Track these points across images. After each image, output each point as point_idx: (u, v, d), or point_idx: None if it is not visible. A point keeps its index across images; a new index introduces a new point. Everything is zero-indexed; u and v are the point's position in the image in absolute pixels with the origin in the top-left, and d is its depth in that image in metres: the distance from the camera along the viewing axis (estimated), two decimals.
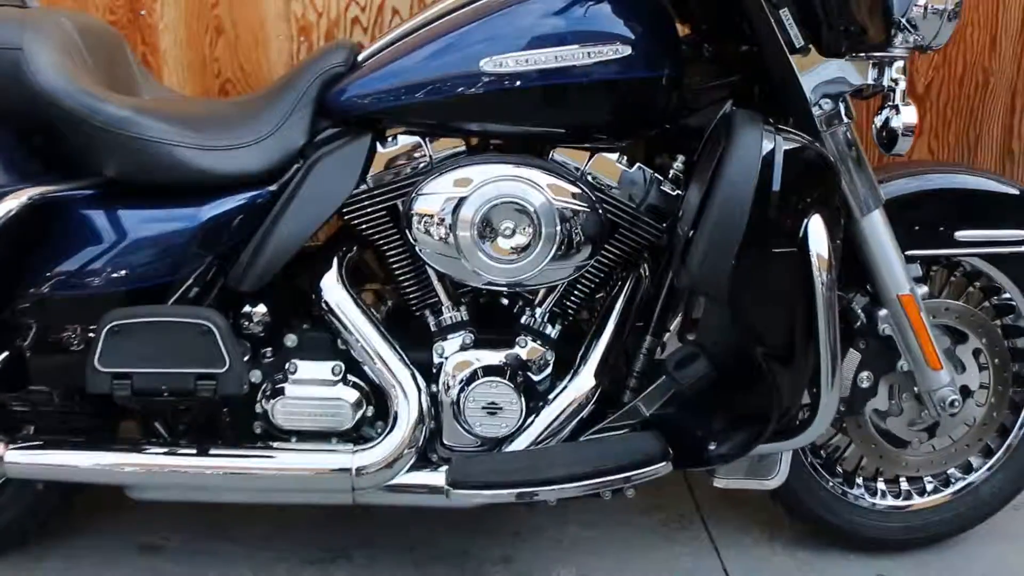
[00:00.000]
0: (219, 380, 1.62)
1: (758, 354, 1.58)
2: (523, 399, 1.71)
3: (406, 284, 1.76)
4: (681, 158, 1.74)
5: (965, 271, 1.87)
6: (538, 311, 1.76)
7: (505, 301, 1.82)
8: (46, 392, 1.74)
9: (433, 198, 1.66)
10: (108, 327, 1.61)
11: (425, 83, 1.65)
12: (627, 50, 1.62)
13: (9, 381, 1.72)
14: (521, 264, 1.65)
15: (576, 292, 1.75)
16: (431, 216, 1.66)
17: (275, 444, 1.75)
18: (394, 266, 1.75)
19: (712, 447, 1.68)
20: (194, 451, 1.71)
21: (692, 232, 1.52)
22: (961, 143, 2.49)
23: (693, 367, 1.66)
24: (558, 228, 1.64)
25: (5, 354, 1.70)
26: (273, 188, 1.70)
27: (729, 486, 1.86)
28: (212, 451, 1.71)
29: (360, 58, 1.74)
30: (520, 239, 1.64)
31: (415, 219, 1.67)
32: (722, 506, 2.12)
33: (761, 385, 1.60)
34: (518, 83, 1.62)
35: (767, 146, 1.50)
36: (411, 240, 1.69)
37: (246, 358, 1.70)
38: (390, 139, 1.72)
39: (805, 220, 1.54)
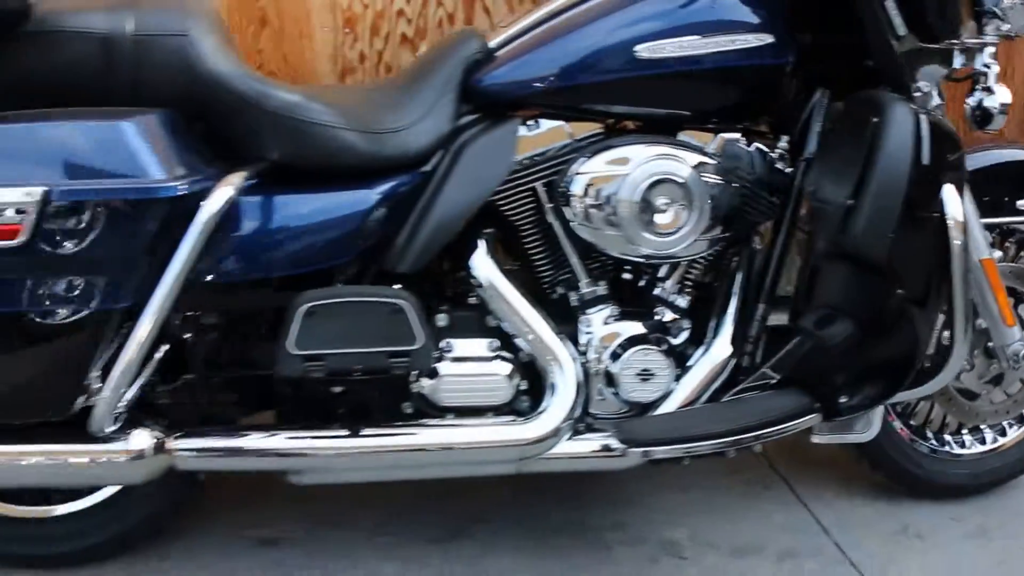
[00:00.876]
0: (412, 357, 1.66)
1: (901, 310, 1.73)
2: (672, 365, 1.81)
3: (544, 262, 1.84)
4: (785, 138, 1.89)
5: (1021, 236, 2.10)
6: (668, 283, 1.87)
7: (628, 276, 1.90)
8: (201, 382, 1.72)
9: (591, 177, 1.74)
10: (303, 309, 1.62)
11: (575, 68, 1.74)
12: (768, 38, 1.75)
13: (165, 372, 1.70)
14: (675, 238, 1.76)
15: (700, 264, 1.87)
16: (590, 194, 1.74)
17: (432, 422, 1.78)
18: (533, 245, 1.83)
19: (843, 400, 1.83)
20: (361, 433, 1.73)
21: (851, 202, 1.66)
22: None
23: (835, 327, 1.80)
24: (708, 203, 1.76)
25: (166, 346, 1.67)
26: (426, 170, 1.74)
27: (825, 441, 2.01)
28: (380, 432, 1.74)
29: (492, 45, 1.81)
30: (674, 214, 1.75)
31: (573, 198, 1.75)
32: (795, 466, 2.27)
33: (898, 339, 1.76)
34: (669, 68, 1.74)
35: (916, 122, 1.66)
36: (566, 217, 1.78)
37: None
38: (531, 123, 1.79)
39: (941, 187, 1.71)
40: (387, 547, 1.99)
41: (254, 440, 1.71)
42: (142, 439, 1.67)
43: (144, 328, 1.56)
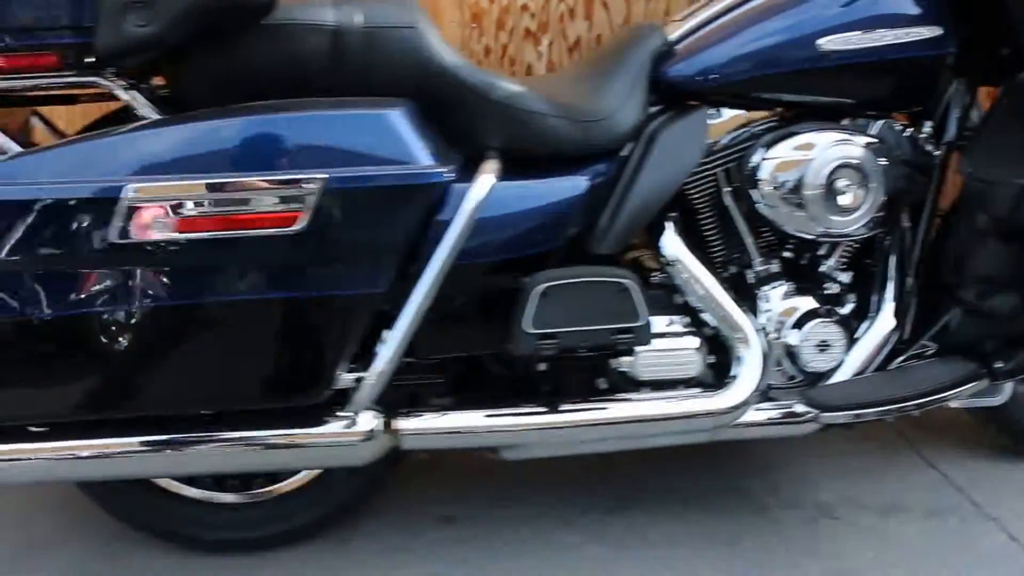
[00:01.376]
0: (635, 333, 1.76)
1: None
2: (845, 336, 1.94)
3: (718, 242, 1.95)
4: (929, 123, 2.02)
5: None
6: (831, 260, 2.00)
7: (791, 254, 2.02)
8: (419, 364, 1.80)
9: (779, 162, 1.86)
10: (538, 290, 1.72)
11: (759, 61, 1.86)
12: (938, 30, 1.89)
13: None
14: (854, 217, 1.89)
15: (858, 241, 2.00)
16: (777, 178, 1.86)
17: (631, 396, 1.88)
18: (709, 226, 1.94)
19: (999, 365, 1.98)
20: (564, 409, 1.83)
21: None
22: None
23: (999, 299, 1.94)
24: (880, 184, 1.89)
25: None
26: (622, 156, 1.85)
27: (961, 406, 2.15)
28: (587, 407, 1.84)
29: (671, 39, 1.92)
30: (854, 195, 1.87)
31: (761, 181, 1.87)
32: (918, 432, 2.42)
33: None
34: (849, 60, 1.86)
35: None
36: (746, 199, 1.89)
37: None
38: (713, 112, 1.91)
39: None
40: (563, 520, 2.09)
41: (472, 419, 1.79)
42: (369, 420, 1.74)
43: (413, 309, 1.64)
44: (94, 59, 1.60)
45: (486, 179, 1.66)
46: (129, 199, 1.49)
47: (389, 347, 1.66)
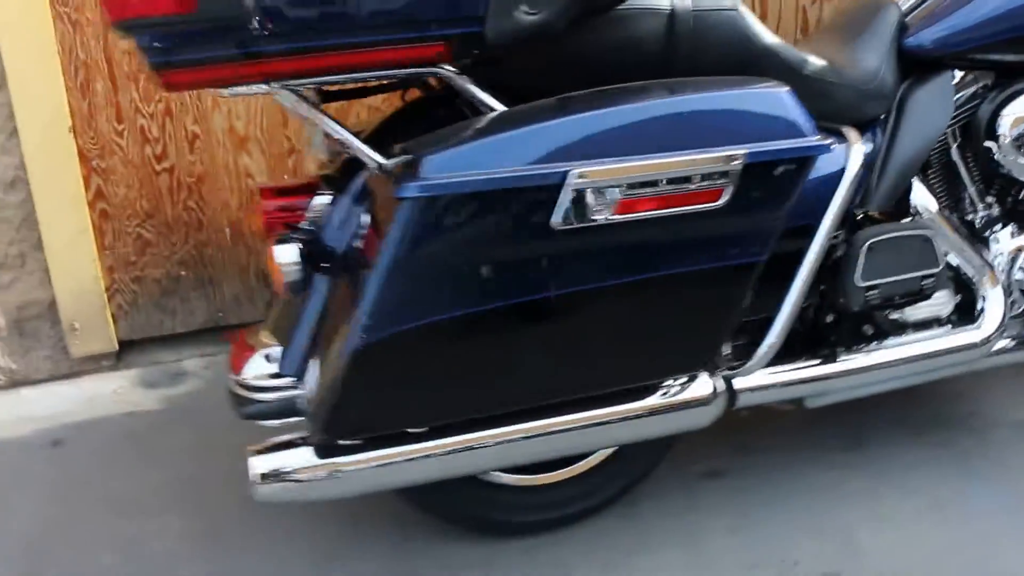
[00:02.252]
0: (935, 279, 1.93)
1: None
2: None
3: (946, 192, 2.14)
4: None
5: None
6: None
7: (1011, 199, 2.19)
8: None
9: (1015, 117, 2.08)
10: (867, 245, 1.85)
11: (996, 27, 2.04)
12: None
13: None
14: None
15: None
16: (1015, 132, 2.08)
17: (901, 339, 2.06)
18: (938, 177, 2.13)
19: None
20: (862, 353, 1.99)
21: None
22: None
23: None
24: None
25: None
26: (884, 120, 2.02)
27: None
28: (873, 350, 2.00)
29: (903, 9, 2.10)
30: None
31: (1001, 136, 2.07)
32: None
33: None
34: None
35: None
36: (979, 152, 2.09)
37: None
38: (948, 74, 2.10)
39: None
40: (813, 461, 2.22)
41: (803, 372, 1.93)
42: (708, 382, 1.84)
43: (807, 270, 1.76)
44: (477, 50, 1.59)
45: (859, 148, 1.79)
46: (574, 184, 1.52)
47: (784, 309, 1.77)
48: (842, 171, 1.83)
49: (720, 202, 1.60)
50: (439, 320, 1.55)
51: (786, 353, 1.94)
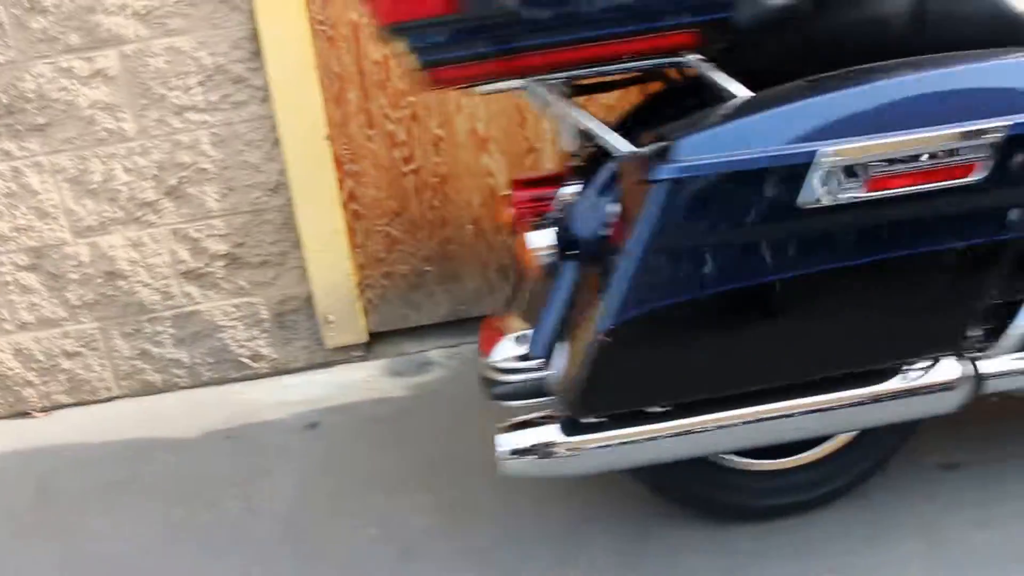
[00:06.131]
0: None
1: None
2: None
3: None
4: None
5: None
6: None
7: None
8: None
9: None
10: None
11: None
12: None
13: None
14: None
15: None
16: None
17: None
18: None
19: None
20: None
21: None
22: None
23: None
24: None
25: None
26: None
27: None
28: None
29: None
30: None
31: None
32: None
33: None
34: None
35: None
36: None
37: None
38: None
39: None
40: None
41: None
42: (954, 366, 1.79)
43: None
44: (725, 36, 1.64)
45: None
46: (823, 163, 1.54)
47: None
48: None
49: (977, 176, 1.57)
50: (687, 300, 1.60)
51: None
